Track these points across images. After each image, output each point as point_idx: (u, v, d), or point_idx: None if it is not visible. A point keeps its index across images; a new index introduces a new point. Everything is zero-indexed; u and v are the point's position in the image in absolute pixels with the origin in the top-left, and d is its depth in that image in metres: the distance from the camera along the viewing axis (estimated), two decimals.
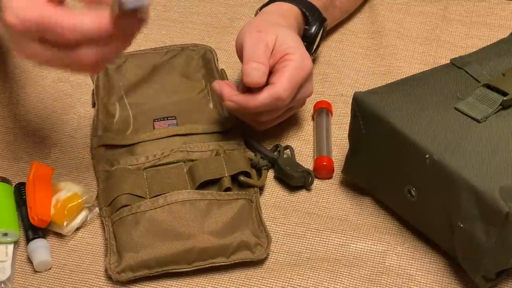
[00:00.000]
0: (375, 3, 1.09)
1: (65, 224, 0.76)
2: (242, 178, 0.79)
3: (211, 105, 0.88)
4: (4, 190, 0.79)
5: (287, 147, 0.85)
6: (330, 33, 1.04)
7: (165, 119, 0.86)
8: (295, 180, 0.81)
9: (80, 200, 0.76)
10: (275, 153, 0.83)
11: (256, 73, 0.78)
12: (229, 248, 0.73)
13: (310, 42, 0.91)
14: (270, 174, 0.83)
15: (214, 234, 0.73)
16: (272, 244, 0.75)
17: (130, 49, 0.99)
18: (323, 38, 0.95)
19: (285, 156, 0.84)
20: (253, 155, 0.83)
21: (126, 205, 0.76)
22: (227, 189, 0.78)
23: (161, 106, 0.88)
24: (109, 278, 0.73)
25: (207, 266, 0.72)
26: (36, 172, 0.78)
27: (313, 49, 0.93)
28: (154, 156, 0.81)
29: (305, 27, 0.90)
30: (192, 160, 0.80)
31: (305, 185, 0.81)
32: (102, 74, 0.92)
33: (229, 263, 0.73)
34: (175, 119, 0.86)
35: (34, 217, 0.74)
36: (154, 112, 0.87)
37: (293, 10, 0.88)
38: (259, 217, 0.77)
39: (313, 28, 0.90)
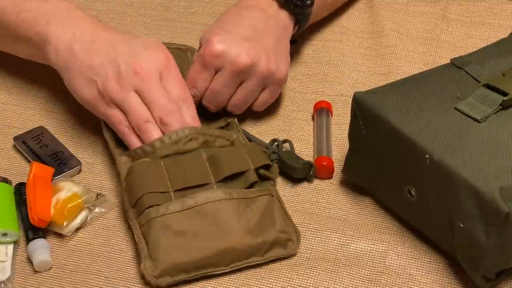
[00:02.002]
0: (375, 3, 1.09)
1: (65, 224, 0.75)
2: (262, 171, 0.78)
3: None
4: (4, 190, 0.79)
5: (285, 141, 0.85)
6: (330, 33, 1.04)
7: None
8: (298, 171, 0.81)
9: (80, 200, 0.76)
10: (274, 147, 0.83)
11: None
12: (263, 246, 0.72)
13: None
14: None
15: (248, 234, 0.73)
16: None
17: None
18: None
19: (284, 150, 0.84)
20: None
21: (152, 206, 0.74)
22: (252, 184, 0.77)
23: None
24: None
25: (243, 266, 0.72)
26: (36, 172, 0.78)
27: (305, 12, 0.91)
28: (169, 138, 0.78)
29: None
30: (209, 146, 0.79)
31: (307, 177, 0.81)
32: None
33: (264, 261, 0.72)
34: None
35: (34, 217, 0.74)
36: None
37: None
38: (283, 211, 0.76)
39: None
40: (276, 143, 0.84)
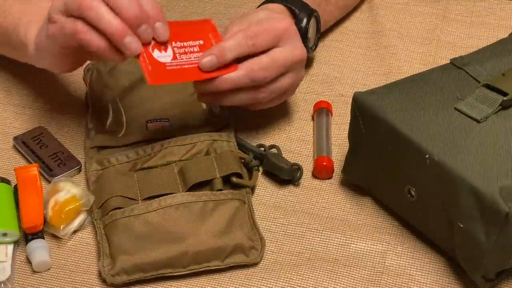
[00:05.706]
0: (375, 3, 1.09)
1: (61, 228, 0.75)
2: (234, 179, 0.78)
3: (203, 106, 0.88)
4: (4, 190, 0.79)
5: (272, 146, 0.85)
6: (330, 33, 1.04)
7: (158, 120, 0.86)
8: (284, 172, 0.81)
9: (78, 204, 0.76)
10: (262, 149, 0.83)
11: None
12: (224, 251, 0.73)
13: (304, 35, 0.89)
14: (262, 177, 0.83)
15: (210, 237, 0.73)
16: (272, 244, 0.76)
17: None
18: (320, 30, 0.94)
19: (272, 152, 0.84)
20: (244, 153, 0.83)
21: (118, 208, 0.75)
22: (219, 191, 0.77)
23: (155, 108, 0.88)
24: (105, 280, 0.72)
25: (202, 269, 0.72)
26: (19, 177, 0.78)
27: (312, 42, 0.92)
28: (144, 151, 0.81)
29: (297, 23, 0.89)
30: (183, 160, 0.80)
31: (294, 179, 0.81)
32: (95, 76, 0.92)
33: (223, 266, 0.73)
34: (168, 121, 0.86)
35: (24, 227, 0.75)
36: (147, 115, 0.87)
37: (278, 7, 0.88)
38: (252, 219, 0.76)
39: (304, 21, 0.89)
40: (263, 148, 0.84)
